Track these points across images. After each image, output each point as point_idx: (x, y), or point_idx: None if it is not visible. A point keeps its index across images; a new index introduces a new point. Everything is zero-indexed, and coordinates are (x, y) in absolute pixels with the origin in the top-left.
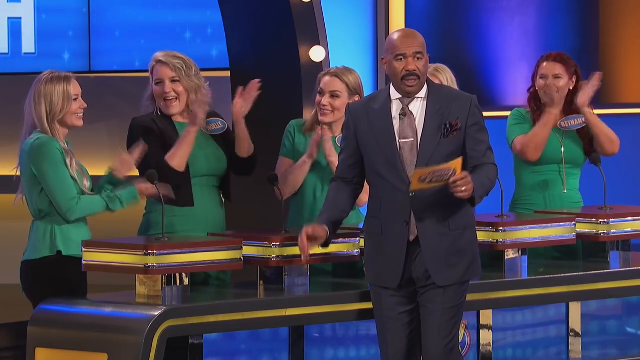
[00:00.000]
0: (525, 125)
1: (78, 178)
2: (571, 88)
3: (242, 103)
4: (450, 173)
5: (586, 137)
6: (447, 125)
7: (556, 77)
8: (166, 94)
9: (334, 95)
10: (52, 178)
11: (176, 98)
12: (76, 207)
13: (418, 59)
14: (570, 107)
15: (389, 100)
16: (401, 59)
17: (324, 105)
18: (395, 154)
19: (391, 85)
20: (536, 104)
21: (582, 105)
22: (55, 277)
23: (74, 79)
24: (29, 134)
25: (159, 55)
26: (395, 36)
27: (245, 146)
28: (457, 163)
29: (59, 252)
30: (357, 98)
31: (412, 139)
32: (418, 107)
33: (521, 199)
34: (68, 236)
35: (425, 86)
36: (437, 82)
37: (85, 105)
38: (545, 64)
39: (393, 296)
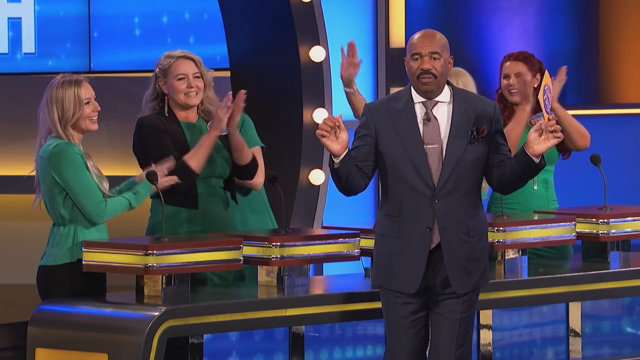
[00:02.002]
0: None
1: (98, 181)
2: (535, 86)
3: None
4: (550, 107)
5: None
6: (474, 132)
7: (518, 75)
8: (191, 89)
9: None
10: (77, 184)
11: (196, 93)
12: (105, 210)
13: (435, 58)
14: (538, 106)
15: (411, 101)
16: (417, 58)
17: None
18: (423, 159)
19: (412, 87)
20: (504, 104)
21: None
22: (75, 283)
23: (85, 82)
24: (45, 139)
25: (179, 51)
26: (414, 36)
27: (243, 155)
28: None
29: (80, 259)
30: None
31: (437, 145)
32: (443, 112)
33: (497, 198)
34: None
35: (449, 90)
36: None
37: (99, 108)
38: (507, 63)
39: (407, 303)
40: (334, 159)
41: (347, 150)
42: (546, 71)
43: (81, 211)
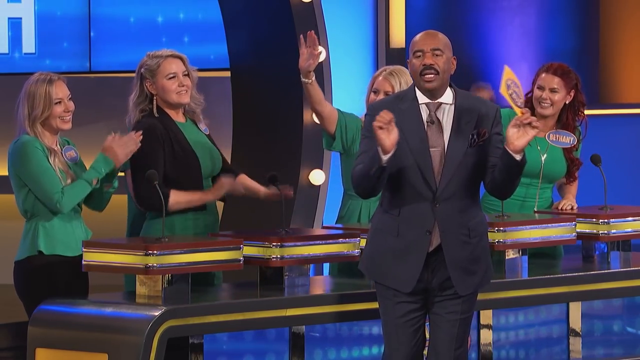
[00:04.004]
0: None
1: (61, 176)
2: (567, 102)
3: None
4: (522, 101)
5: (570, 158)
6: (475, 135)
7: (553, 90)
8: (183, 88)
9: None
10: (34, 175)
11: (186, 91)
12: (62, 198)
13: (437, 55)
14: (564, 122)
15: (416, 102)
16: (419, 56)
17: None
18: (428, 162)
19: (416, 89)
20: (531, 113)
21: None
22: (37, 277)
23: (60, 81)
24: (19, 136)
25: (166, 51)
26: (416, 36)
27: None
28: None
29: (40, 252)
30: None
31: (440, 148)
32: (446, 114)
33: (487, 202)
34: (51, 235)
35: (452, 92)
36: (387, 86)
37: (72, 108)
38: (544, 75)
39: (404, 302)
40: (383, 156)
41: (394, 150)
42: (506, 66)
43: (42, 202)
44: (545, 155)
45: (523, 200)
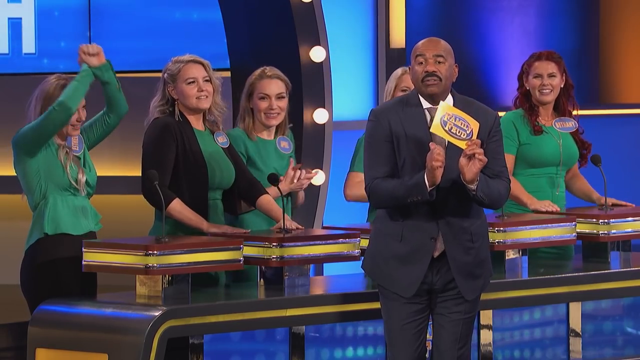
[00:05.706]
0: (512, 145)
1: (71, 171)
2: (561, 87)
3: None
4: (469, 132)
5: (579, 141)
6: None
7: (551, 75)
8: (202, 93)
9: (280, 97)
10: (29, 127)
11: (206, 97)
12: (59, 99)
13: (439, 62)
14: (562, 108)
15: (421, 108)
16: (421, 62)
17: (272, 109)
18: None
19: (418, 95)
20: (530, 105)
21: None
22: (42, 257)
23: None
24: None
25: (188, 56)
26: (419, 42)
27: None
28: (476, 125)
29: (46, 234)
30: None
31: None
32: None
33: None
34: (57, 215)
35: (451, 97)
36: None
37: (84, 117)
38: (537, 63)
39: (408, 304)
40: (429, 188)
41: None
42: (441, 101)
43: (49, 123)
44: (560, 141)
45: (552, 193)
